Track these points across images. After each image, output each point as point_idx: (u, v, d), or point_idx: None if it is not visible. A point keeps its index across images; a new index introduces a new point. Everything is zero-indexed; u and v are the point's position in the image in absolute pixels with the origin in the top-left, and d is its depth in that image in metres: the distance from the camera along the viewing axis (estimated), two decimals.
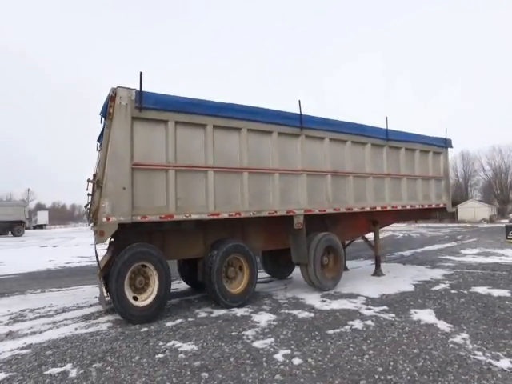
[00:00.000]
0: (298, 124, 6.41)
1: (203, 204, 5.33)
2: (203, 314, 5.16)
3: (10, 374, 3.25)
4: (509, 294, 5.82)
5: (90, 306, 5.84)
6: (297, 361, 3.41)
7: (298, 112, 6.38)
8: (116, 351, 3.78)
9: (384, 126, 7.78)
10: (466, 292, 6.08)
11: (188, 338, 4.13)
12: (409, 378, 3.02)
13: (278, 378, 3.07)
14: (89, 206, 5.47)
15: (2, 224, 27.25)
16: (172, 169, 5.12)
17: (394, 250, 12.78)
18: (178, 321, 4.86)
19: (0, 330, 4.64)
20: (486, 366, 3.18)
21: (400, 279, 7.39)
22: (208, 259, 5.53)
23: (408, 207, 8.19)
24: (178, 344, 3.95)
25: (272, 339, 4.02)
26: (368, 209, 7.39)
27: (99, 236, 4.60)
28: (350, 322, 4.55)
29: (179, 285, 7.39)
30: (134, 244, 4.90)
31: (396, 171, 8.04)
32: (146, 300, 4.91)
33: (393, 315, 4.83)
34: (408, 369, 3.17)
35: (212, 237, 5.88)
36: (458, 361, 3.31)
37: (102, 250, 5.86)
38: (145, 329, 4.53)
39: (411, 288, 6.54)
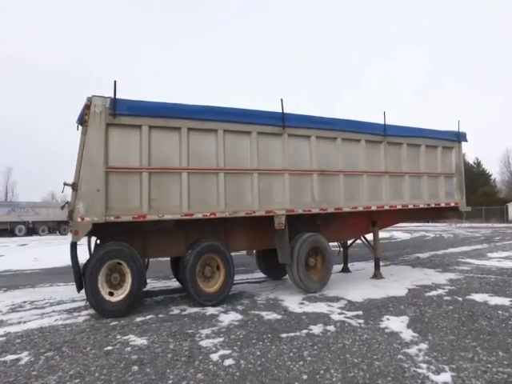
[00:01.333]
0: (280, 123, 6.32)
1: (177, 204, 5.49)
2: (176, 311, 5.32)
3: None
4: (508, 303, 5.25)
5: (83, 299, 6.27)
6: (229, 362, 3.41)
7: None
8: (74, 342, 4.06)
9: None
10: (460, 299, 5.58)
11: (145, 333, 4.30)
12: None
13: (199, 377, 3.11)
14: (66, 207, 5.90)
15: (51, 223, 30.18)
16: (145, 171, 5.34)
17: (412, 252, 12.04)
18: (149, 317, 5.06)
19: None
20: (420, 380, 2.93)
21: (398, 283, 6.97)
22: (184, 258, 5.69)
23: (410, 206, 7.68)
24: (132, 338, 4.14)
25: (222, 339, 4.05)
26: (361, 209, 7.06)
27: (74, 235, 4.97)
28: (311, 327, 4.42)
29: (175, 283, 7.64)
30: (108, 243, 5.20)
31: (396, 168, 7.58)
32: (119, 296, 5.19)
33: (361, 321, 4.61)
34: (334, 379, 3.02)
35: (193, 236, 6.01)
36: (394, 373, 3.08)
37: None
38: (114, 322, 4.80)
39: (403, 293, 6.15)
